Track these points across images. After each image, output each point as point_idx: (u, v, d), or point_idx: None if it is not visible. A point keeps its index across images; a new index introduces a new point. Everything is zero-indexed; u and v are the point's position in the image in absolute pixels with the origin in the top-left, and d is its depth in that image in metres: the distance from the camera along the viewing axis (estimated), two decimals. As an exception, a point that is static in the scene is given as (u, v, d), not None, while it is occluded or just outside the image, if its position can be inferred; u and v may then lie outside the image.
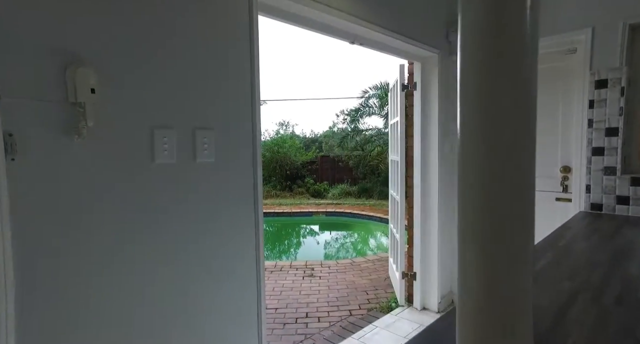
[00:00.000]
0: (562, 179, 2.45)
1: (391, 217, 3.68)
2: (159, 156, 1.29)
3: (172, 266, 1.34)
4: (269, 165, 12.83)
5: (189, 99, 1.38)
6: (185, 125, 1.38)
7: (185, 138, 1.38)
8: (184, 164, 1.37)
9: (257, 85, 1.63)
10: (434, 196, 2.88)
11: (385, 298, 4.03)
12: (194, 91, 1.40)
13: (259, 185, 1.63)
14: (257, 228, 1.62)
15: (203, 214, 1.44)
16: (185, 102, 1.37)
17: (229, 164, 1.53)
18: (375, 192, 11.36)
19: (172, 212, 1.34)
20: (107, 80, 1.16)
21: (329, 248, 7.90)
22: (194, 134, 1.40)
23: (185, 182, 1.38)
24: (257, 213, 1.61)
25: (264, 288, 1.67)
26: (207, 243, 1.45)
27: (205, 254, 1.44)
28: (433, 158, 2.87)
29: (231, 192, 1.54)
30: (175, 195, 1.35)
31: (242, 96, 1.57)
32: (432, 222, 2.90)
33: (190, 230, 1.39)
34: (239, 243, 1.57)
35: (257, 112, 1.63)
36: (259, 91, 1.66)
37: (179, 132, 1.36)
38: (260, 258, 1.64)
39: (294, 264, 5.47)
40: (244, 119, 1.59)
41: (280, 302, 4.08)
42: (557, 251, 1.38)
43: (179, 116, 1.36)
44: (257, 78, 1.62)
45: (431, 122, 2.86)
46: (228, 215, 1.52)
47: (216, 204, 1.48)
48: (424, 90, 2.87)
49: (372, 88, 11.25)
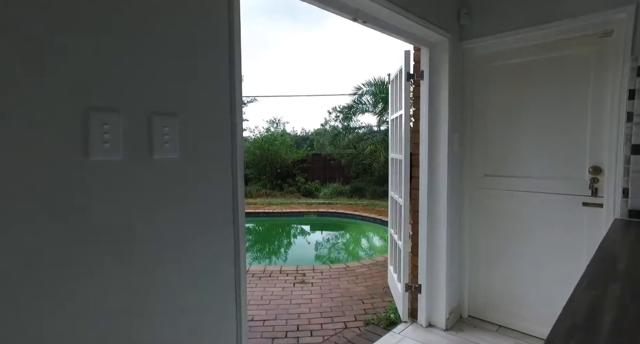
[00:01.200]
0: (591, 182, 2.15)
1: (391, 222, 3.36)
2: (96, 150, 0.93)
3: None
4: (259, 163, 12.61)
5: (143, 73, 1.02)
6: (137, 108, 1.02)
7: (138, 126, 1.02)
8: (135, 162, 1.02)
9: (238, 67, 1.29)
10: (442, 199, 2.56)
11: (383, 307, 3.73)
12: (151, 64, 1.04)
13: (239, 189, 1.28)
14: (237, 251, 1.26)
15: (162, 232, 1.08)
16: (138, 76, 1.01)
17: (200, 161, 1.17)
18: (368, 191, 11.13)
19: (116, 232, 0.98)
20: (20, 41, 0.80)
21: (321, 251, 7.57)
22: (151, 121, 1.04)
23: (136, 185, 1.02)
24: (237, 229, 1.26)
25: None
26: (169, 283, 1.09)
27: (167, 304, 1.08)
28: (442, 156, 2.54)
29: (202, 199, 1.18)
30: (121, 205, 0.99)
31: (218, 77, 1.22)
32: (440, 228, 2.57)
33: (144, 262, 1.03)
34: (211, 281, 1.21)
35: (236, 98, 1.28)
36: (239, 74, 1.31)
37: (128, 118, 1.00)
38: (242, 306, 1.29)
39: (284, 269, 5.14)
40: (221, 106, 1.23)
41: (268, 313, 3.75)
42: (624, 279, 1.06)
43: (129, 94, 1.00)
44: (237, 58, 1.28)
45: (440, 115, 2.53)
46: (200, 232, 1.17)
47: (182, 214, 1.13)
48: (432, 79, 2.54)
49: (366, 84, 10.96)
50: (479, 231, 2.72)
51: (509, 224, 2.58)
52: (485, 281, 2.70)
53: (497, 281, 2.64)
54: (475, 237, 2.74)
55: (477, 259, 2.74)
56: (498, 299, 2.64)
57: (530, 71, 2.42)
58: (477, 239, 2.74)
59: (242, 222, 1.27)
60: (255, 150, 12.64)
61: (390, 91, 3.29)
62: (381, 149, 10.51)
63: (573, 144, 2.25)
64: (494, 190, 2.63)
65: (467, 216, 2.75)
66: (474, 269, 2.76)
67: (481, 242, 2.72)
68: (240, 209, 1.26)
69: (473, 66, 2.67)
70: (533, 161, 2.44)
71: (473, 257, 2.76)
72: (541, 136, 2.40)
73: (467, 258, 2.77)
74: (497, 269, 2.64)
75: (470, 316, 2.78)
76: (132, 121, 1.00)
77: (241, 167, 1.31)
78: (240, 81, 1.31)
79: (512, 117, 2.53)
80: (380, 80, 10.73)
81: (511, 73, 2.52)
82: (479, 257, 2.73)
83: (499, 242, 2.63)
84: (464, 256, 2.77)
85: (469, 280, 2.77)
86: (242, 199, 1.28)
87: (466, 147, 2.72)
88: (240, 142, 1.31)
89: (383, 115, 11.10)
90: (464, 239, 2.76)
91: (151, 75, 1.04)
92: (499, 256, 2.63)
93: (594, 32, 2.12)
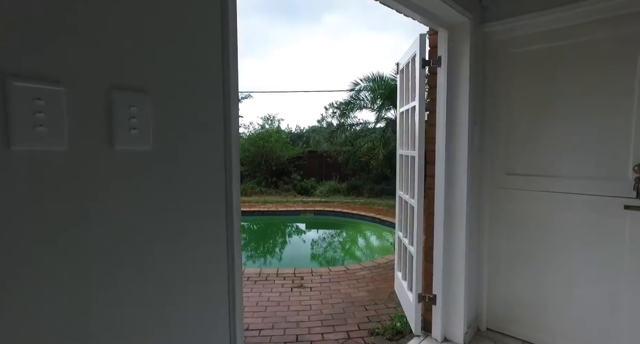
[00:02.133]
0: (636, 181, 1.89)
1: (399, 224, 3.08)
2: (24, 137, 0.64)
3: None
4: (254, 160, 12.39)
5: (98, 32, 0.73)
6: (90, 80, 0.72)
7: (91, 105, 0.73)
8: (88, 154, 0.72)
9: (233, 36, 1.00)
10: (461, 200, 2.28)
11: (388, 315, 3.49)
12: (111, 20, 0.74)
13: (234, 191, 0.99)
14: (231, 270, 0.97)
15: (127, 251, 0.78)
16: (91, 36, 0.72)
17: (181, 155, 0.88)
18: (366, 190, 10.92)
19: (56, 254, 0.68)
20: None
21: (319, 252, 7.30)
22: (110, 98, 0.75)
23: (89, 187, 0.72)
24: (230, 244, 0.97)
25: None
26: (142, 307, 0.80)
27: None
28: (461, 152, 2.27)
29: (185, 205, 0.89)
30: (67, 215, 0.69)
31: (207, 48, 0.93)
32: (459, 232, 2.30)
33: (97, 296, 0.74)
34: (201, 312, 0.92)
35: (231, 74, 0.99)
36: (235, 44, 1.02)
37: (77, 93, 0.70)
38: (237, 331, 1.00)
39: (281, 271, 4.88)
40: (210, 84, 0.94)
41: (265, 321, 3.49)
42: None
43: (77, 60, 0.70)
44: (231, 26, 0.99)
45: (460, 106, 2.25)
46: (180, 250, 0.88)
47: (157, 226, 0.83)
48: (451, 66, 2.26)
49: (364, 80, 10.66)
50: (499, 235, 2.46)
51: (534, 229, 2.31)
52: (506, 290, 2.44)
53: (520, 291, 2.38)
54: (494, 242, 2.48)
55: (496, 266, 2.48)
56: (522, 311, 2.38)
57: (561, 57, 2.15)
58: (496, 244, 2.47)
59: (237, 242, 0.98)
60: (249, 147, 12.41)
61: (400, 82, 3.01)
62: (379, 146, 10.26)
63: (613, 139, 1.99)
64: (517, 190, 2.36)
65: (486, 219, 2.48)
66: (493, 278, 2.50)
67: (501, 248, 2.45)
68: (236, 225, 0.97)
69: (494, 53, 2.39)
70: (563, 158, 2.18)
71: (492, 264, 2.49)
72: (574, 130, 2.14)
73: (485, 265, 2.50)
74: (520, 279, 2.38)
75: (489, 329, 2.52)
76: (82, 97, 0.71)
77: (237, 167, 1.02)
78: (235, 51, 1.02)
79: (539, 109, 2.26)
80: (379, 75, 10.45)
81: (538, 60, 2.25)
82: (499, 264, 2.46)
83: (522, 248, 2.37)
84: (483, 262, 2.50)
85: (487, 289, 2.51)
86: (237, 211, 0.99)
87: (485, 143, 2.45)
88: (235, 133, 1.02)
89: (382, 111, 10.83)
90: (483, 245, 2.50)
91: (112, 37, 0.75)
92: (523, 263, 2.37)
93: (637, 10, 1.86)
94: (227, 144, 0.97)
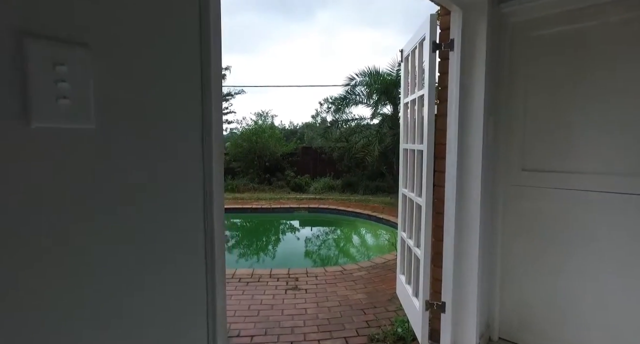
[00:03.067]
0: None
1: (402, 224, 2.86)
2: None
3: None
4: (247, 156, 12.23)
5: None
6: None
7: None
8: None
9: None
10: (474, 199, 2.07)
11: (388, 319, 3.30)
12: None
13: (215, 190, 0.75)
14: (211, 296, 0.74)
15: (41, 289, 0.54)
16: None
17: (137, 139, 0.64)
18: (361, 186, 10.76)
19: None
20: None
21: (314, 251, 7.08)
22: (23, 48, 0.50)
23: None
24: (211, 264, 0.73)
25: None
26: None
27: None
28: (475, 146, 2.05)
29: (142, 210, 0.65)
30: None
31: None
32: (471, 234, 2.09)
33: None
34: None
35: (210, 33, 0.75)
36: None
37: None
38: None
39: (275, 272, 4.66)
40: (181, 42, 0.70)
41: (257, 326, 3.28)
42: None
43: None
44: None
45: (474, 94, 2.03)
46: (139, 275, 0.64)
47: (103, 233, 0.60)
48: (465, 50, 2.03)
49: (360, 74, 10.41)
50: (513, 236, 2.25)
51: (553, 230, 2.11)
52: (520, 296, 2.24)
53: (536, 298, 2.18)
54: (508, 244, 2.27)
55: (510, 270, 2.27)
56: (538, 320, 2.18)
57: (587, 40, 1.94)
58: (510, 246, 2.26)
59: (220, 265, 0.74)
60: (242, 142, 12.18)
61: (404, 70, 2.78)
62: (375, 143, 10.05)
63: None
64: (535, 188, 2.15)
65: (499, 219, 2.27)
66: (506, 282, 2.29)
67: (516, 250, 2.25)
68: (217, 236, 0.73)
69: (510, 36, 2.17)
70: (590, 152, 1.97)
71: (505, 267, 2.29)
72: (599, 121, 1.93)
73: (498, 269, 2.30)
74: (536, 284, 2.18)
75: (501, 339, 2.31)
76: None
77: (219, 159, 0.78)
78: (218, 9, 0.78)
79: (560, 99, 2.05)
80: (375, 70, 10.20)
81: (560, 43, 2.03)
82: (513, 268, 2.26)
83: (538, 250, 2.17)
84: (495, 266, 2.29)
85: (500, 295, 2.30)
86: (220, 217, 0.75)
87: (500, 136, 2.23)
88: (218, 118, 0.78)
89: (378, 107, 10.61)
90: (496, 246, 2.29)
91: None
92: (539, 267, 2.16)
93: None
94: (207, 121, 0.73)
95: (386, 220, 7.25)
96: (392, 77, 9.93)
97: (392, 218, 7.09)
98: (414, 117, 2.48)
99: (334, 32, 37.64)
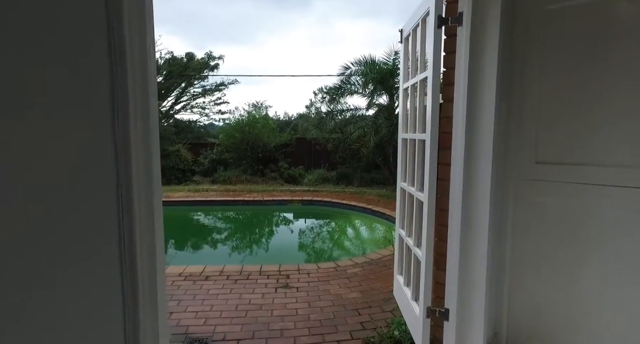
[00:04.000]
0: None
1: (400, 221, 2.64)
2: None
3: None
4: (239, 147, 12.03)
5: None
6: None
7: None
8: None
9: None
10: (483, 194, 1.84)
11: (384, 320, 3.13)
12: None
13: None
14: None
15: None
16: None
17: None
18: (356, 178, 10.59)
19: None
20: None
21: (306, 246, 6.86)
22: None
23: None
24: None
25: None
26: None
27: None
28: (486, 135, 1.81)
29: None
30: None
31: None
32: (479, 234, 1.87)
33: None
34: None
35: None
36: None
37: None
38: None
39: (265, 269, 4.46)
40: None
41: (244, 329, 3.09)
42: None
43: None
44: None
45: (486, 77, 1.79)
46: None
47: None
48: (476, 25, 1.78)
49: (355, 63, 10.10)
50: (525, 237, 2.03)
51: (569, 229, 1.89)
52: (531, 302, 2.04)
53: (549, 303, 1.98)
54: (518, 244, 2.06)
55: (521, 274, 2.06)
56: (551, 329, 1.97)
57: (615, 14, 1.70)
58: (521, 247, 2.05)
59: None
60: (235, 133, 11.95)
61: (404, 52, 2.53)
62: (370, 134, 9.80)
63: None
64: (551, 182, 1.93)
65: (509, 216, 2.05)
66: (516, 288, 2.08)
67: (527, 251, 2.03)
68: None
69: (525, 11, 1.92)
70: (613, 142, 1.75)
71: (515, 270, 2.07)
72: (626, 107, 1.70)
73: (507, 272, 2.08)
74: (550, 290, 1.97)
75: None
76: None
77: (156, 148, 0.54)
78: None
79: (580, 83, 1.82)
80: (371, 58, 9.90)
81: (582, 18, 1.79)
82: (524, 272, 2.05)
83: (553, 252, 1.95)
84: (504, 268, 2.08)
85: (508, 300, 2.10)
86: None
87: (511, 124, 2.00)
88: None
89: (373, 97, 10.34)
90: (505, 247, 2.07)
91: None
92: (554, 272, 1.96)
93: None
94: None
95: (381, 213, 7.04)
96: (388, 66, 9.65)
97: (388, 211, 6.89)
98: (415, 103, 2.23)
99: (330, 21, 36.99)
